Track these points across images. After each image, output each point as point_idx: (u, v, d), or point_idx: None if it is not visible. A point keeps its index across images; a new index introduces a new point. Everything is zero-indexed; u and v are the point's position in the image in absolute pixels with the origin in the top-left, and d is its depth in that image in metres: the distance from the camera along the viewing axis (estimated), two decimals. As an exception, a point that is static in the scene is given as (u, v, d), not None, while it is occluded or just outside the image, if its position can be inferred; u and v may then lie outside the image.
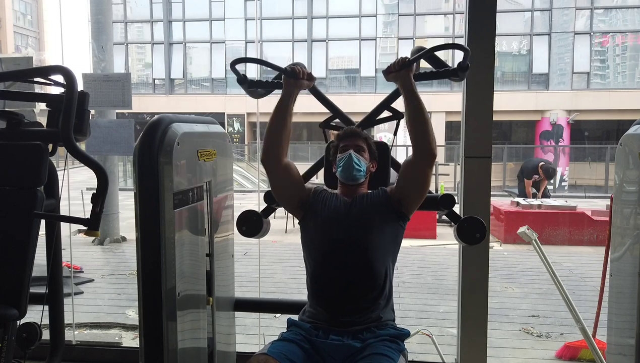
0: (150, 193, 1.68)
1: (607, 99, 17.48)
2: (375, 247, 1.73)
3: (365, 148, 1.87)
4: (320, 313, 1.75)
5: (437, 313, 4.14)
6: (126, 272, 5.21)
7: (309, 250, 1.82)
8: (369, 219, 1.75)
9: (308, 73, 1.83)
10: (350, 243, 1.73)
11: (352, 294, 1.72)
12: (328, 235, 1.77)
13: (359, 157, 1.82)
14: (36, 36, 29.70)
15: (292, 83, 1.81)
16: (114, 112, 5.12)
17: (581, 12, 18.46)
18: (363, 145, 1.87)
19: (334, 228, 1.76)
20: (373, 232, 1.74)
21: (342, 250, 1.74)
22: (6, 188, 1.89)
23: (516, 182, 8.96)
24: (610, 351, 2.14)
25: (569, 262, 5.84)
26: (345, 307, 1.72)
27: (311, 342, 1.71)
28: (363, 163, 1.83)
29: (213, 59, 20.42)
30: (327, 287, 1.75)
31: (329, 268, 1.75)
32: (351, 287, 1.72)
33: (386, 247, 1.76)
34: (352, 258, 1.73)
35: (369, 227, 1.74)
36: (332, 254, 1.75)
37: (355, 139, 1.87)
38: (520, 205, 7.42)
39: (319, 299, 1.78)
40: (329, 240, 1.76)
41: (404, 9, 19.55)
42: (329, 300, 1.74)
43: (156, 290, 1.70)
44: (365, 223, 1.75)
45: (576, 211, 7.36)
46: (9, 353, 1.80)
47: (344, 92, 19.59)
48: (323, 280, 1.77)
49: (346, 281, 1.72)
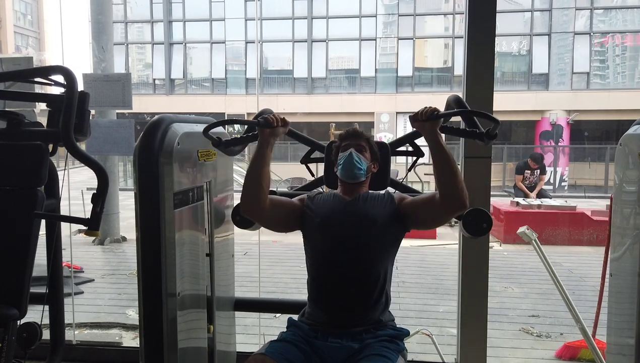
0: (150, 193, 1.69)
1: (607, 99, 17.48)
2: (375, 246, 1.73)
3: (367, 148, 1.87)
4: (319, 316, 1.75)
5: (437, 313, 4.14)
6: (126, 272, 5.21)
7: (310, 251, 1.81)
8: (371, 218, 1.74)
9: (282, 119, 1.77)
10: (350, 241, 1.73)
11: (351, 294, 1.71)
12: (328, 233, 1.76)
13: (360, 156, 1.82)
14: (36, 36, 29.70)
15: (267, 133, 1.76)
16: (114, 112, 5.12)
17: (581, 12, 18.47)
18: (365, 145, 1.87)
19: (334, 225, 1.76)
20: (373, 231, 1.73)
21: (342, 248, 1.73)
22: (7, 188, 1.89)
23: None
24: (610, 351, 2.14)
25: (568, 262, 5.84)
26: (344, 308, 1.71)
27: (310, 343, 1.70)
28: (364, 162, 1.83)
29: (213, 59, 20.43)
30: (327, 287, 1.74)
31: (328, 267, 1.75)
32: (351, 287, 1.71)
33: (386, 247, 1.76)
34: (352, 257, 1.72)
35: (370, 225, 1.73)
36: (331, 252, 1.74)
37: (357, 139, 1.87)
38: (520, 205, 7.42)
39: (317, 301, 1.77)
40: (329, 237, 1.76)
41: (403, 9, 19.55)
42: (329, 301, 1.74)
43: (156, 290, 1.71)
44: (367, 222, 1.74)
45: (576, 211, 7.36)
46: (9, 353, 1.81)
47: (344, 92, 19.59)
48: (322, 281, 1.76)
49: (345, 281, 1.72)
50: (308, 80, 19.96)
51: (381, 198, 1.82)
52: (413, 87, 19.22)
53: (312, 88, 19.98)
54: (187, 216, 1.83)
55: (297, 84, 20.11)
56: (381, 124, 18.90)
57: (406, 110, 18.74)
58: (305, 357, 1.67)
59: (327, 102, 19.11)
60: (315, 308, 1.77)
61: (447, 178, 1.63)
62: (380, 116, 18.88)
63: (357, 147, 1.84)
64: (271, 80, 20.51)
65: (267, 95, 19.64)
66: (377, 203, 1.80)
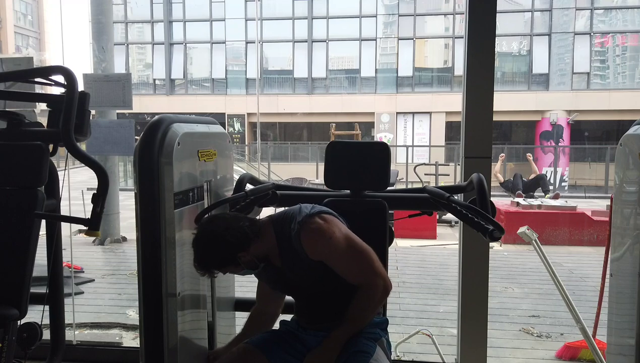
0: (150, 193, 1.68)
1: (607, 99, 17.49)
2: (326, 284, 1.67)
3: (219, 269, 1.64)
4: (304, 321, 1.79)
5: (437, 313, 4.14)
6: (126, 272, 5.21)
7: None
8: (302, 284, 1.69)
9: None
10: (303, 293, 1.75)
11: (327, 306, 1.73)
12: (285, 293, 1.85)
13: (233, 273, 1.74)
14: (37, 36, 29.70)
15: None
16: (115, 113, 5.13)
17: (581, 13, 18.47)
18: (215, 271, 1.65)
19: (284, 291, 1.83)
20: (318, 283, 1.68)
21: (302, 296, 1.77)
22: (7, 188, 1.89)
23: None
24: (610, 351, 2.14)
25: (569, 262, 5.84)
26: (323, 317, 1.73)
27: (296, 336, 1.75)
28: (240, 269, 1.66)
29: (213, 59, 20.44)
30: (303, 304, 1.79)
31: (299, 301, 1.81)
32: (325, 302, 1.73)
33: (330, 275, 1.65)
34: (318, 295, 1.73)
35: (307, 287, 1.71)
36: (296, 300, 1.82)
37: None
38: (520, 205, 7.43)
39: (299, 309, 1.82)
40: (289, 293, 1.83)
41: (404, 9, 19.56)
42: (308, 312, 1.78)
43: (156, 290, 1.71)
44: (302, 286, 1.71)
45: (576, 211, 7.37)
46: (9, 353, 1.81)
47: (344, 92, 19.60)
48: (299, 304, 1.81)
49: (320, 299, 1.73)
50: (308, 80, 19.96)
51: (296, 257, 1.64)
52: (413, 87, 19.23)
53: (312, 88, 19.99)
54: (188, 216, 1.83)
55: (298, 84, 20.12)
56: (381, 124, 18.90)
57: (406, 111, 18.76)
58: (290, 345, 1.71)
59: (328, 102, 19.13)
60: (298, 315, 1.83)
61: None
62: (380, 116, 18.89)
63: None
64: (271, 81, 20.52)
65: (267, 95, 19.67)
66: (299, 266, 1.65)
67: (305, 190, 2.29)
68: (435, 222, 7.60)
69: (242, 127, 19.79)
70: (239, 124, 19.83)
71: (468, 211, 1.71)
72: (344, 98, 19.20)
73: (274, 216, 1.71)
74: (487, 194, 1.80)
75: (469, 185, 1.90)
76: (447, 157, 16.07)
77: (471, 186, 1.87)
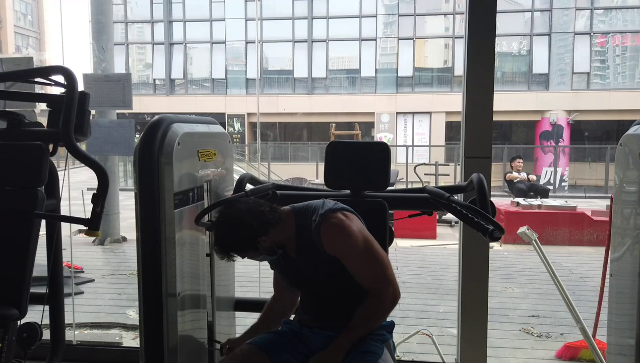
0: (150, 193, 1.69)
1: (607, 99, 17.49)
2: (337, 281, 1.68)
3: (237, 253, 1.64)
4: (307, 318, 1.78)
5: (437, 313, 4.14)
6: (126, 272, 5.21)
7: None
8: (316, 275, 1.69)
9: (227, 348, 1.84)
10: (316, 288, 1.74)
11: (335, 305, 1.73)
12: (298, 287, 1.83)
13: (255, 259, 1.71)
14: (37, 36, 29.70)
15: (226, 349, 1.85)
16: (115, 113, 5.12)
17: (581, 13, 18.47)
18: (235, 255, 1.66)
19: (298, 285, 1.81)
20: (325, 280, 1.69)
21: (314, 292, 1.77)
22: (7, 188, 1.89)
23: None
24: (610, 351, 2.14)
25: (569, 262, 5.84)
26: (330, 316, 1.73)
27: (299, 335, 1.74)
28: (261, 256, 1.66)
29: (213, 59, 20.44)
30: (310, 301, 1.79)
31: (309, 298, 1.80)
32: (333, 300, 1.73)
33: (344, 272, 1.66)
34: (327, 293, 1.73)
35: (320, 282, 1.70)
36: (305, 295, 1.82)
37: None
38: (520, 205, 7.42)
39: (304, 306, 1.82)
40: (300, 288, 1.82)
41: (404, 9, 19.56)
42: (315, 310, 1.77)
43: (156, 290, 1.71)
44: (316, 278, 1.70)
45: (576, 211, 7.36)
46: (9, 353, 1.81)
47: (344, 92, 19.60)
48: (306, 298, 1.81)
49: (328, 297, 1.73)
50: (308, 80, 19.96)
51: (313, 248, 1.65)
52: (413, 87, 19.23)
53: (312, 88, 19.99)
54: (188, 216, 1.83)
55: (298, 84, 20.12)
56: (381, 124, 18.90)
57: (406, 111, 18.76)
58: (292, 346, 1.70)
59: (328, 102, 19.13)
60: (303, 313, 1.82)
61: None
62: (380, 116, 18.89)
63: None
64: (271, 80, 20.52)
65: (267, 95, 19.66)
66: (314, 257, 1.66)
67: (305, 190, 2.29)
68: (435, 222, 7.59)
69: (242, 127, 19.79)
70: (239, 124, 19.83)
71: (468, 211, 1.71)
72: (344, 98, 19.20)
73: (297, 206, 1.71)
74: (487, 194, 1.80)
75: (469, 185, 1.91)
76: (447, 157, 16.06)
77: (471, 186, 1.87)
